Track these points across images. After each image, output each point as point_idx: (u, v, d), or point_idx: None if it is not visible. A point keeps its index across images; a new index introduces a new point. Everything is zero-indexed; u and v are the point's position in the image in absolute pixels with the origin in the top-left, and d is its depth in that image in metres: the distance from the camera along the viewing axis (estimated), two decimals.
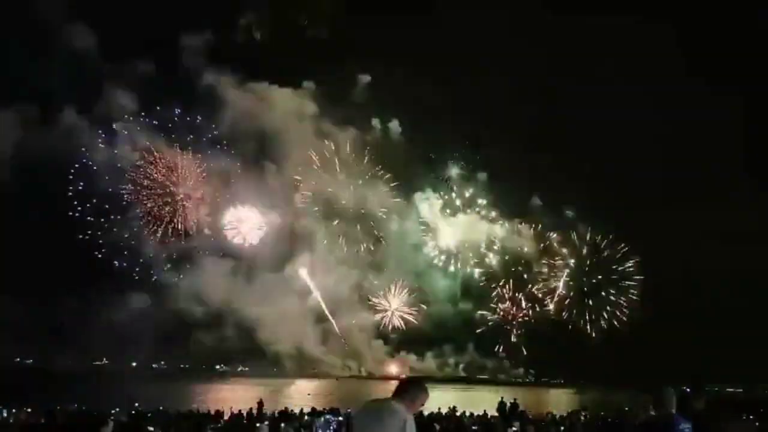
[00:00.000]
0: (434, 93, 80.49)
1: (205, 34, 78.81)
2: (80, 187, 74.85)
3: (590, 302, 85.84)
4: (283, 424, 21.69)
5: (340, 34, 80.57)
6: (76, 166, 74.85)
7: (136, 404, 28.42)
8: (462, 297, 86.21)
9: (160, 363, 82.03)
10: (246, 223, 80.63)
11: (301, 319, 79.11)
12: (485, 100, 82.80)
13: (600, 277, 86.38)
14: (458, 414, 26.61)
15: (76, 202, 74.71)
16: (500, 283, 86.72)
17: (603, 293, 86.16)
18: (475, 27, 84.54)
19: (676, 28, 78.43)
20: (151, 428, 20.99)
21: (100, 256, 74.46)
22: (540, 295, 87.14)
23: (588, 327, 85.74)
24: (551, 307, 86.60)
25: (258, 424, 21.40)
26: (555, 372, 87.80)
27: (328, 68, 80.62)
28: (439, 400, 30.09)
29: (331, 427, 21.76)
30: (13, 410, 25.57)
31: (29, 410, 25.39)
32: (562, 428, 23.12)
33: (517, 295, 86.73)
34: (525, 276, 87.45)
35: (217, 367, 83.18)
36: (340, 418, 23.17)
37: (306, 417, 24.28)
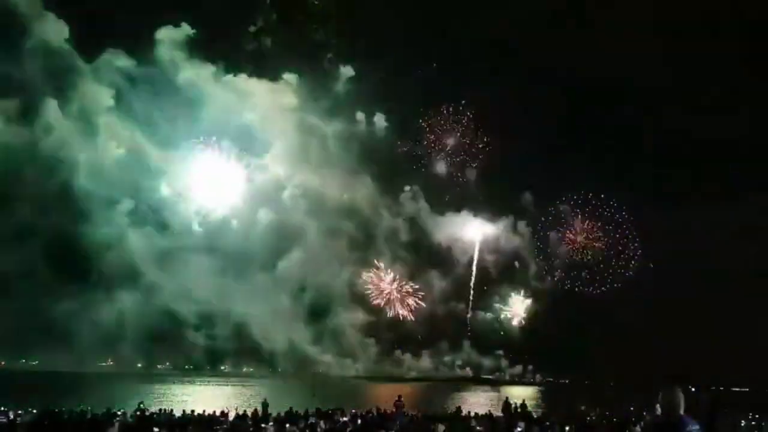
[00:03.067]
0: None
1: (182, 27, 77.71)
2: (64, 184, 73.31)
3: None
4: (288, 425, 21.64)
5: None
6: (59, 162, 73.40)
7: (141, 405, 28.42)
8: (455, 295, 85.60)
9: (165, 364, 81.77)
10: None
11: (295, 317, 78.26)
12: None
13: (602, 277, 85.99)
14: (463, 414, 26.57)
15: (60, 200, 73.10)
16: (496, 282, 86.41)
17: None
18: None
19: None
20: (157, 429, 21.01)
21: (85, 255, 72.82)
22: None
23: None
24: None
25: (263, 425, 21.38)
26: (555, 371, 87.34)
27: (310, 61, 79.40)
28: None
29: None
30: (19, 411, 25.62)
31: (34, 411, 25.45)
32: (567, 429, 23.03)
33: (513, 293, 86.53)
34: (521, 273, 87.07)
35: (223, 368, 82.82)
36: (346, 419, 23.16)
37: (311, 417, 24.24)
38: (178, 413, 26.12)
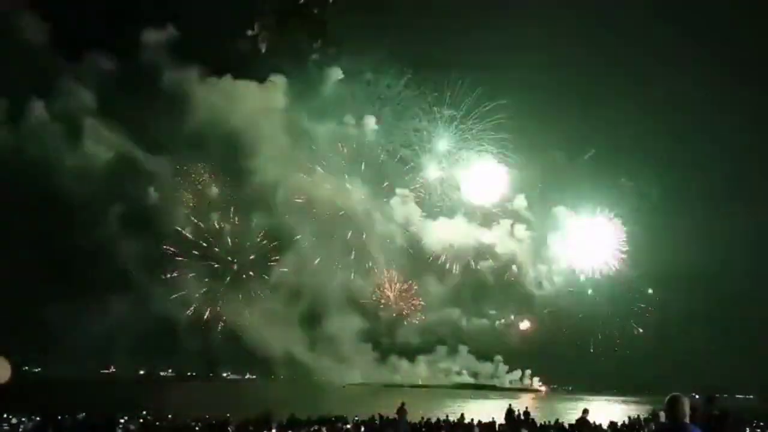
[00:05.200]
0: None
1: (167, 28, 76.34)
2: (51, 189, 71.28)
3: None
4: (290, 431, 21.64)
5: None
6: (45, 166, 72.00)
7: (144, 412, 28.38)
8: (453, 301, 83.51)
9: (168, 371, 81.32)
10: None
11: (289, 323, 76.46)
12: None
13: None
14: (467, 421, 26.51)
15: (46, 204, 71.23)
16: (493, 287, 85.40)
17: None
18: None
19: None
20: None
21: (75, 260, 71.41)
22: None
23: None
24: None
25: None
26: (554, 376, 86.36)
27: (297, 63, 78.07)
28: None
29: None
30: (22, 419, 25.60)
31: (37, 418, 25.42)
32: None
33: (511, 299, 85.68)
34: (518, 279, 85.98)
35: (225, 374, 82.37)
36: (348, 426, 23.12)
37: (314, 424, 24.22)
38: (180, 419, 26.11)
